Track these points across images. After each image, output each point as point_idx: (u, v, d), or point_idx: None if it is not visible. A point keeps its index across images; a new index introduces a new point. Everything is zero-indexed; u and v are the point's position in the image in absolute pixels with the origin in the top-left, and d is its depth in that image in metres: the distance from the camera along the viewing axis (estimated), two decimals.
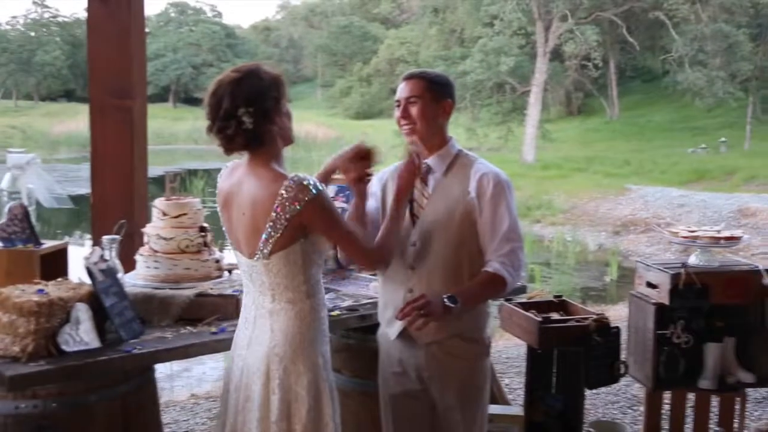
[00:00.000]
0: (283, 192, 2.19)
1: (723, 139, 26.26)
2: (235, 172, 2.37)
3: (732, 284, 3.38)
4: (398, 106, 2.68)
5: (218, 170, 2.49)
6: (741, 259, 3.83)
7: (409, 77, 2.68)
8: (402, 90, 2.67)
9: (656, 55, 32.09)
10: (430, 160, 2.67)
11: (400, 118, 2.67)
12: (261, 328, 2.33)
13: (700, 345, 3.41)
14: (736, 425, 3.59)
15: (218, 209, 2.43)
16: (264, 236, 2.23)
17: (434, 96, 2.63)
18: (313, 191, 2.20)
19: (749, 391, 3.64)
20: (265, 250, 2.25)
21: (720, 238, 3.43)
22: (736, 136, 27.00)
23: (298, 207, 2.19)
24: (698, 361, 3.43)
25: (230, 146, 2.28)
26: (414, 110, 2.62)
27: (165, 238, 2.89)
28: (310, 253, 2.30)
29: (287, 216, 2.19)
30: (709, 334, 3.42)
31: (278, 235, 2.22)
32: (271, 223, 2.21)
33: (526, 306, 3.48)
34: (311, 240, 2.28)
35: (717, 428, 3.59)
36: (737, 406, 3.55)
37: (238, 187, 2.32)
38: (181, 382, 6.14)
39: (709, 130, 29.75)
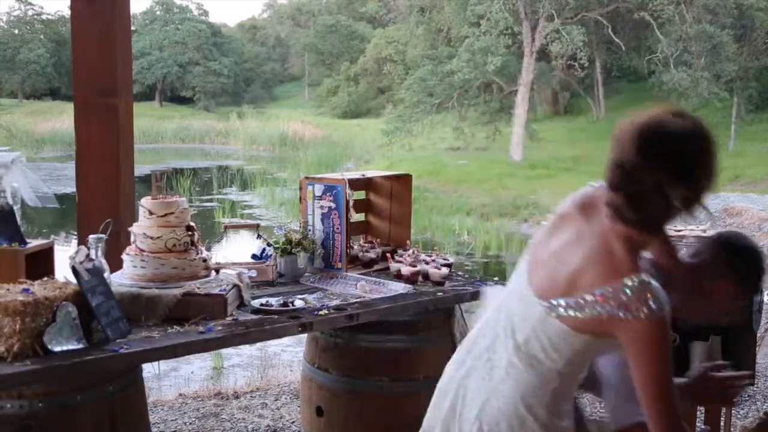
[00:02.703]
0: (622, 286, 1.72)
1: None
2: (595, 207, 1.86)
3: None
4: None
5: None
6: None
7: None
8: None
9: (642, 56, 32.21)
10: None
11: None
12: (493, 363, 1.95)
13: (687, 344, 3.43)
14: (722, 424, 3.60)
15: (554, 216, 1.99)
16: (565, 302, 1.81)
17: None
18: (655, 308, 1.71)
19: None
20: (553, 313, 1.83)
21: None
22: (720, 136, 27.07)
23: (623, 314, 1.72)
24: (685, 359, 3.44)
25: (624, 218, 1.75)
26: None
27: (152, 237, 2.88)
28: (587, 351, 1.88)
29: (605, 311, 1.75)
30: (695, 333, 3.44)
31: (577, 315, 1.79)
32: (581, 301, 1.78)
33: None
34: (602, 342, 1.84)
35: (703, 426, 3.60)
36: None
37: (585, 229, 1.85)
38: (169, 381, 6.11)
39: None
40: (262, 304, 2.94)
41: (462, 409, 1.97)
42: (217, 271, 3.04)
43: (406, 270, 3.38)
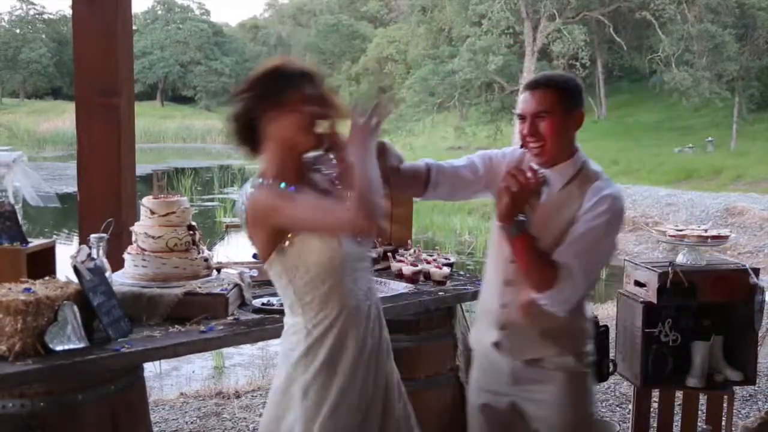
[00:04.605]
0: (242, 203, 2.11)
1: (710, 138, 26.41)
2: None
3: (719, 283, 3.39)
4: (522, 120, 2.35)
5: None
6: (728, 257, 3.86)
7: (536, 87, 2.33)
8: (527, 102, 2.33)
9: (643, 55, 32.23)
10: (549, 173, 2.36)
11: (527, 136, 2.33)
12: None
13: (688, 343, 3.43)
14: (723, 423, 3.60)
15: None
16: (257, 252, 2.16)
17: (566, 108, 2.33)
18: (249, 188, 2.11)
19: (736, 389, 3.66)
20: (269, 268, 2.14)
21: (707, 237, 3.45)
22: (722, 135, 27.15)
23: (244, 210, 2.10)
24: (686, 359, 3.45)
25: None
26: (544, 126, 2.30)
27: (153, 237, 2.88)
28: (290, 266, 2.09)
29: (246, 228, 2.10)
30: (696, 332, 3.44)
31: (257, 245, 2.13)
32: (252, 240, 2.13)
33: None
34: (286, 251, 2.07)
35: (705, 426, 3.60)
36: (725, 404, 3.57)
37: None
38: (170, 381, 6.12)
39: (696, 129, 29.91)
40: (263, 304, 2.94)
41: None
42: (219, 271, 3.04)
43: (407, 269, 3.38)
